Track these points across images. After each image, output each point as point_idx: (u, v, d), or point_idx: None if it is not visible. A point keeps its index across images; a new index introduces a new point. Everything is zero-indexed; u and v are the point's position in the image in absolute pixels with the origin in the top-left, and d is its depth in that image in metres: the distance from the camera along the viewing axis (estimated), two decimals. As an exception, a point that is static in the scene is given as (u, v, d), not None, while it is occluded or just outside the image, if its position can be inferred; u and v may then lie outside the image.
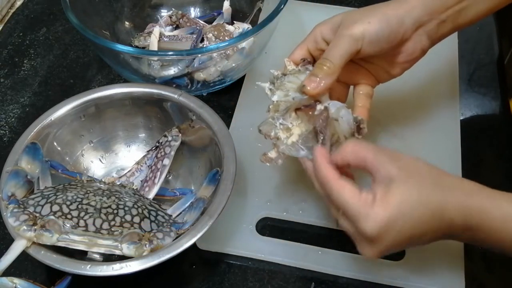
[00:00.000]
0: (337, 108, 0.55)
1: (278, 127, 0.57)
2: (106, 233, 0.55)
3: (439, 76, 0.79)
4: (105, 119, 0.69)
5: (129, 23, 0.85)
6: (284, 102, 0.56)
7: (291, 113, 0.56)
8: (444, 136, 0.72)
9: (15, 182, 0.58)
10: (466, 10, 0.58)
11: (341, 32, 0.56)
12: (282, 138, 0.56)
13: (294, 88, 0.56)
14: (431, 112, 0.75)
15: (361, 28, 0.55)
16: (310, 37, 0.60)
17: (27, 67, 0.84)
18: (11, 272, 0.58)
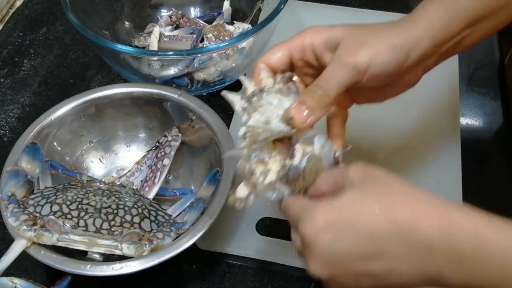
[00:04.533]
0: (321, 145, 0.47)
1: (253, 160, 0.47)
2: (106, 233, 0.55)
3: (439, 76, 0.79)
4: (105, 119, 0.69)
5: (129, 23, 0.85)
6: (264, 130, 0.47)
7: (268, 143, 0.48)
8: (444, 136, 0.72)
9: (15, 182, 0.58)
10: (464, 39, 0.52)
11: (342, 58, 0.47)
12: (258, 174, 0.47)
13: (276, 114, 0.47)
14: (431, 112, 0.75)
15: (367, 58, 0.47)
16: (297, 41, 0.50)
17: (27, 67, 0.84)
18: (11, 272, 0.58)
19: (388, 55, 0.47)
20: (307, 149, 0.47)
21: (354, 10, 0.89)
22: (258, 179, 0.47)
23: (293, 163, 0.47)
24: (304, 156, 0.47)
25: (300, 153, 0.47)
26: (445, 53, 0.52)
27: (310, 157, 0.46)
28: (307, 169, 0.47)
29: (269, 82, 0.49)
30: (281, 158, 0.48)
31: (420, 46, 0.48)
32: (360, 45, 0.47)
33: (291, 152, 0.47)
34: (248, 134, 0.47)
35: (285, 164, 0.47)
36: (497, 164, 0.72)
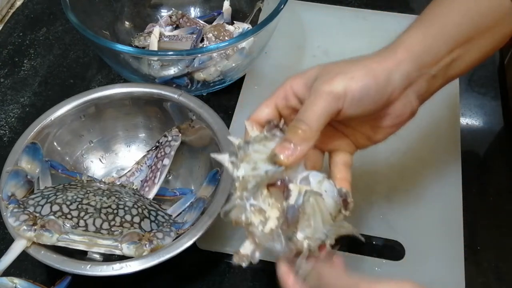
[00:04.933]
0: (319, 181, 0.45)
1: (249, 210, 0.44)
2: (106, 233, 0.55)
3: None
4: (105, 119, 0.69)
5: (129, 23, 0.85)
6: (253, 177, 0.45)
7: (262, 191, 0.45)
8: (444, 136, 0.72)
9: (15, 182, 0.58)
10: (457, 61, 0.50)
11: (318, 88, 0.46)
12: (256, 224, 0.44)
13: (263, 159, 0.46)
14: (431, 112, 0.75)
15: (342, 84, 0.46)
16: (279, 93, 0.50)
17: (27, 67, 0.84)
18: (11, 272, 0.58)
19: (365, 79, 0.46)
20: (304, 188, 0.45)
21: (354, 10, 0.89)
22: (258, 229, 0.44)
23: (289, 203, 0.44)
24: (300, 194, 0.44)
25: (296, 191, 0.45)
26: (437, 76, 0.50)
27: (307, 193, 0.44)
28: (307, 208, 0.43)
29: (255, 134, 0.49)
30: (278, 203, 0.45)
31: (401, 68, 0.47)
32: (335, 74, 0.47)
33: (286, 193, 0.45)
34: (237, 184, 0.46)
35: (284, 208, 0.44)
36: (497, 164, 0.72)
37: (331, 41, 0.84)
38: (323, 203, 0.44)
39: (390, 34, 0.83)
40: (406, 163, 0.70)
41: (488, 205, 0.67)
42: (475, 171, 0.70)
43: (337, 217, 0.45)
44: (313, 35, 0.85)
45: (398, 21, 0.86)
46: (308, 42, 0.85)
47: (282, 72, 0.81)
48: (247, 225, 0.45)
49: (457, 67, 0.51)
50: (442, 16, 0.50)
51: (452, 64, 0.50)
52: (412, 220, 0.65)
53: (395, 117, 0.50)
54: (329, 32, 0.85)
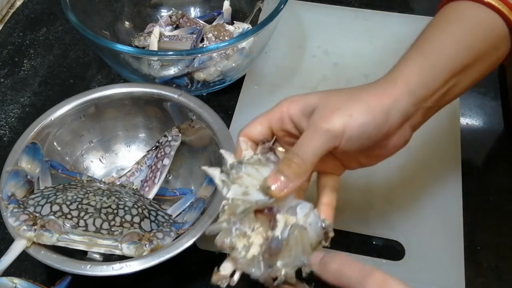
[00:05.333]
0: (305, 214, 0.46)
1: (234, 234, 0.45)
2: (106, 233, 0.55)
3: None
4: (105, 119, 0.69)
5: (129, 23, 0.85)
6: (243, 201, 0.45)
7: (249, 215, 0.45)
8: (444, 136, 0.72)
9: (15, 182, 0.58)
10: (452, 89, 0.50)
11: (316, 124, 0.46)
12: (240, 249, 0.45)
13: (254, 185, 0.46)
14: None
15: (341, 122, 0.46)
16: (275, 113, 0.50)
17: (27, 67, 0.84)
18: (11, 272, 0.58)
19: (364, 117, 0.46)
20: (290, 219, 0.45)
21: (354, 10, 0.89)
22: (240, 254, 0.45)
23: (274, 234, 0.44)
24: (287, 226, 0.44)
25: (282, 223, 0.45)
26: (432, 108, 0.50)
27: (293, 227, 0.44)
28: (291, 240, 0.44)
29: (249, 154, 0.49)
30: (263, 230, 0.45)
31: (399, 105, 0.47)
32: (334, 109, 0.46)
33: (272, 223, 0.45)
34: (226, 207, 0.46)
35: (268, 236, 0.45)
36: (497, 164, 0.72)
37: (331, 41, 0.84)
38: (307, 236, 0.45)
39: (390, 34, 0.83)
40: (406, 163, 0.70)
41: (488, 205, 0.67)
42: (475, 171, 0.70)
43: (316, 247, 0.46)
44: (313, 35, 0.85)
45: (398, 21, 0.86)
46: (308, 42, 0.85)
47: (282, 72, 0.81)
48: (231, 248, 0.45)
49: (451, 95, 0.51)
50: (439, 45, 0.50)
51: (447, 93, 0.50)
52: (412, 220, 0.65)
53: (389, 148, 0.50)
54: (329, 32, 0.86)
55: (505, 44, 0.51)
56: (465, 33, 0.50)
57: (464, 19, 0.51)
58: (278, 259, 0.44)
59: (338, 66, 0.81)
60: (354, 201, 0.66)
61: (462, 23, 0.51)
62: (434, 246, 0.62)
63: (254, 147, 0.50)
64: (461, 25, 0.51)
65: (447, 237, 0.63)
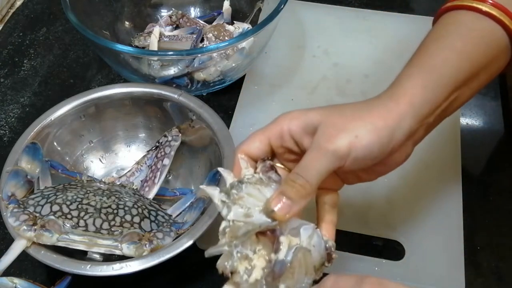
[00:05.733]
0: (309, 235, 0.45)
1: (235, 257, 0.43)
2: (106, 233, 0.55)
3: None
4: (105, 119, 0.69)
5: (129, 23, 0.85)
6: (245, 224, 0.44)
7: (251, 237, 0.44)
8: (444, 136, 0.72)
9: (15, 182, 0.58)
10: (454, 102, 0.50)
11: (321, 144, 0.46)
12: (242, 273, 0.43)
13: (257, 206, 0.45)
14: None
15: (347, 143, 0.45)
16: (274, 130, 0.49)
17: (27, 67, 0.84)
18: (11, 272, 0.58)
19: (369, 138, 0.46)
20: (293, 241, 0.44)
21: (354, 10, 0.89)
22: (243, 278, 0.43)
23: (278, 258, 0.43)
24: (290, 249, 0.43)
25: (286, 246, 0.44)
26: (434, 123, 0.51)
27: (297, 249, 0.43)
28: (295, 263, 0.43)
29: (249, 173, 0.48)
30: (265, 253, 0.44)
31: (403, 125, 0.47)
32: (339, 130, 0.46)
33: (276, 245, 0.44)
34: (228, 229, 0.44)
35: (271, 258, 0.43)
36: (497, 164, 0.72)
37: (331, 41, 0.84)
38: (310, 258, 0.44)
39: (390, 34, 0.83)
40: (406, 164, 0.69)
41: (488, 205, 0.67)
42: (475, 171, 0.70)
43: (319, 269, 0.46)
44: (313, 35, 0.85)
45: (398, 21, 0.86)
46: (308, 42, 0.85)
47: (282, 72, 0.81)
48: (232, 272, 0.44)
49: (453, 107, 0.51)
50: (441, 60, 0.49)
51: (449, 107, 0.50)
52: (412, 220, 0.65)
53: (391, 164, 0.50)
54: (329, 32, 0.86)
55: (505, 54, 0.51)
56: (467, 46, 0.49)
57: (464, 30, 0.50)
58: (281, 282, 0.43)
59: (338, 66, 0.81)
60: (354, 201, 0.66)
61: (463, 35, 0.50)
62: (434, 246, 0.62)
63: (253, 165, 0.49)
64: (462, 38, 0.50)
65: (447, 237, 0.63)
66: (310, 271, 0.44)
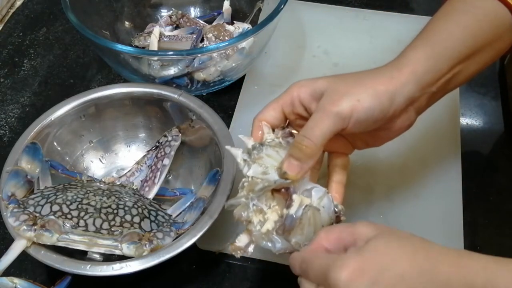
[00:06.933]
0: (319, 197, 0.49)
1: (251, 209, 0.48)
2: (106, 233, 0.55)
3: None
4: (105, 119, 0.69)
5: (129, 23, 0.85)
6: (262, 180, 0.49)
7: (266, 193, 0.49)
8: (444, 136, 0.72)
9: (15, 182, 0.58)
10: (457, 75, 0.52)
11: (325, 107, 0.49)
12: (255, 223, 0.48)
13: (274, 166, 0.49)
14: (431, 112, 0.75)
15: (349, 105, 0.48)
16: (286, 98, 0.53)
17: (27, 67, 0.84)
18: (11, 272, 0.58)
19: (371, 101, 0.48)
20: (305, 200, 0.48)
21: (354, 10, 0.89)
22: (256, 228, 0.48)
23: (289, 212, 0.47)
24: (301, 207, 0.48)
25: (297, 203, 0.48)
26: (437, 92, 0.52)
27: (307, 207, 0.47)
28: (304, 219, 0.47)
29: (270, 137, 0.52)
30: (279, 208, 0.48)
31: (405, 91, 0.49)
32: (342, 94, 0.49)
33: (288, 202, 0.48)
34: (246, 184, 0.49)
35: (283, 214, 0.48)
36: (497, 164, 0.72)
37: (331, 41, 0.84)
38: (319, 217, 0.48)
39: (390, 34, 0.83)
40: (406, 163, 0.70)
41: (488, 205, 0.67)
42: (475, 171, 0.70)
43: None
44: (313, 35, 0.85)
45: (398, 21, 0.86)
46: (308, 42, 0.85)
47: (282, 72, 0.81)
48: (247, 222, 0.49)
49: (456, 81, 0.53)
50: (445, 33, 0.52)
51: (452, 79, 0.52)
52: (412, 219, 0.65)
53: (394, 131, 0.53)
54: (329, 32, 0.86)
55: (509, 33, 0.53)
56: (471, 23, 0.52)
57: (470, 9, 0.53)
58: (290, 236, 0.47)
59: (338, 66, 0.81)
60: (353, 200, 0.66)
61: (469, 12, 0.53)
62: (434, 246, 0.62)
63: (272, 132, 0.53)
64: (467, 15, 0.52)
65: (447, 236, 0.63)
66: (318, 230, 0.47)
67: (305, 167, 0.48)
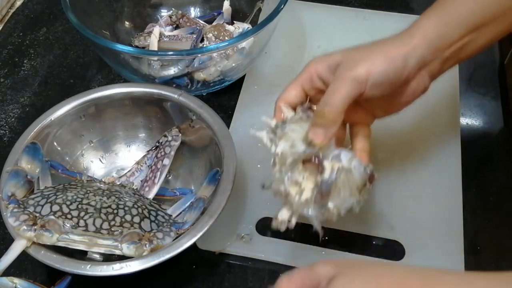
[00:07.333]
0: (349, 159, 0.51)
1: (286, 182, 0.51)
2: (106, 233, 0.55)
3: (439, 76, 0.79)
4: (105, 119, 0.69)
5: (129, 23, 0.85)
6: (291, 153, 0.51)
7: (298, 166, 0.52)
8: (444, 136, 0.72)
9: (15, 182, 0.58)
10: (468, 45, 0.55)
11: (342, 74, 0.52)
12: (293, 194, 0.51)
13: (300, 138, 0.52)
14: (431, 112, 0.75)
15: (365, 70, 0.51)
16: (305, 75, 0.56)
17: (27, 67, 0.84)
18: (11, 272, 0.58)
19: (385, 65, 0.51)
20: (336, 165, 0.51)
21: (354, 10, 0.89)
22: (295, 199, 0.51)
23: (324, 178, 0.50)
24: (333, 170, 0.50)
25: (329, 168, 0.50)
26: (450, 58, 0.55)
27: (340, 170, 0.50)
28: (339, 182, 0.50)
29: (291, 115, 0.55)
30: (312, 177, 0.51)
31: (417, 53, 0.52)
32: (357, 61, 0.52)
33: (320, 169, 0.51)
34: (277, 160, 0.52)
35: (317, 181, 0.50)
36: (497, 164, 0.72)
37: (331, 41, 0.84)
38: (352, 178, 0.51)
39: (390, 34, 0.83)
40: (407, 163, 0.70)
41: (488, 205, 0.67)
42: (475, 171, 0.70)
43: (362, 190, 0.52)
44: (313, 35, 0.85)
45: (398, 21, 0.85)
46: (308, 42, 0.85)
47: (282, 72, 0.81)
48: (285, 195, 0.51)
49: (468, 50, 0.55)
50: (456, 3, 0.54)
51: (464, 47, 0.55)
52: (412, 220, 0.65)
53: (409, 95, 0.55)
54: (329, 32, 0.86)
55: None
56: None
57: None
58: (329, 201, 0.50)
59: (338, 66, 0.81)
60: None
61: None
62: (434, 246, 0.62)
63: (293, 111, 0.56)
64: None
65: (447, 237, 0.63)
66: (354, 192, 0.51)
67: (329, 132, 0.51)
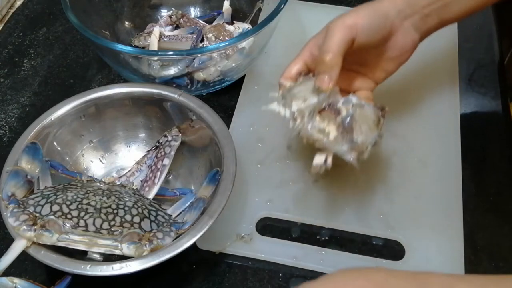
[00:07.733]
0: (357, 99, 0.58)
1: (311, 132, 0.57)
2: (106, 233, 0.55)
3: (439, 76, 0.79)
4: (105, 119, 0.69)
5: (129, 23, 0.85)
6: (306, 107, 0.57)
7: (316, 117, 0.57)
8: (444, 136, 0.72)
9: (15, 182, 0.58)
10: (449, 6, 0.61)
11: (333, 24, 0.58)
12: (322, 138, 0.57)
13: (309, 93, 0.58)
14: (431, 112, 0.75)
15: (353, 18, 0.57)
16: (304, 52, 0.61)
17: (27, 67, 0.84)
18: (11, 272, 0.58)
19: (369, 15, 0.58)
20: (348, 105, 0.58)
21: (354, 10, 0.88)
22: (324, 141, 0.57)
23: (343, 116, 0.57)
24: (348, 111, 0.57)
25: (344, 109, 0.57)
26: (430, 15, 0.61)
27: (354, 106, 0.57)
28: (356, 116, 0.57)
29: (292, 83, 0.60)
30: (332, 122, 0.57)
31: (396, 6, 0.59)
32: (346, 14, 0.58)
33: (336, 112, 0.57)
34: (296, 116, 0.58)
35: (338, 122, 0.57)
36: (497, 164, 0.72)
37: (331, 41, 0.84)
38: (366, 113, 0.58)
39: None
40: (406, 163, 0.70)
41: (488, 205, 0.67)
42: (475, 171, 0.70)
43: (378, 124, 0.59)
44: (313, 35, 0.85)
45: (398, 21, 0.86)
46: (308, 42, 0.85)
47: (282, 72, 0.81)
48: (314, 141, 0.57)
49: (450, 11, 0.61)
50: None
51: (445, 7, 0.61)
52: (412, 220, 0.65)
53: (400, 47, 0.61)
54: (329, 32, 0.85)
55: None
56: None
57: None
58: (354, 136, 0.56)
59: (338, 66, 0.81)
60: (354, 201, 0.66)
61: None
62: (434, 246, 0.62)
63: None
64: None
65: (447, 237, 0.63)
66: (372, 127, 0.58)
67: (333, 76, 0.56)
